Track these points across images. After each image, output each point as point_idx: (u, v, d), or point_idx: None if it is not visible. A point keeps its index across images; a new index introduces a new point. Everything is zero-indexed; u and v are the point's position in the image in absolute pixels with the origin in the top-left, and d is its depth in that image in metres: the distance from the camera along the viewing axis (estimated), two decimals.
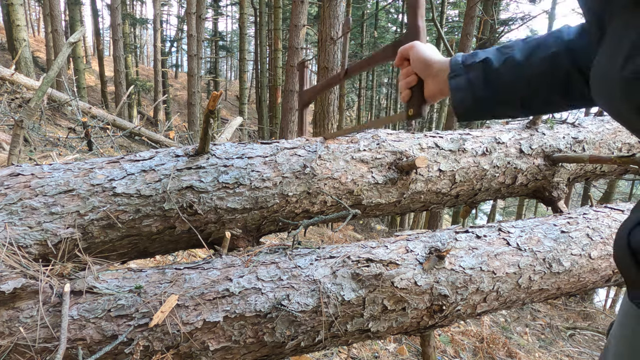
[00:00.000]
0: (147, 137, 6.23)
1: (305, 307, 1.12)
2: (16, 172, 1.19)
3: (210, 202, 1.28)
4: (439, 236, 1.36)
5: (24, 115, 2.13)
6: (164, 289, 1.07)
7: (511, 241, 1.37)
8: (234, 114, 18.37)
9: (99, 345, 0.98)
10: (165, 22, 31.71)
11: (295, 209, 1.41)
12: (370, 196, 1.50)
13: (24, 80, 5.58)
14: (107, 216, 1.18)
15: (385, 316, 1.20)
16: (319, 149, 1.46)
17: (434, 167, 1.57)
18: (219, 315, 1.06)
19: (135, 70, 19.54)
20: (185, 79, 19.58)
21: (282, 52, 11.52)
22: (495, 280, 1.29)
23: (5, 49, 14.00)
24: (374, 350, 2.47)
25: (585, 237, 1.47)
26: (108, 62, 17.27)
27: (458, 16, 17.34)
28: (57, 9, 9.54)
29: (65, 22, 14.50)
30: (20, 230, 1.09)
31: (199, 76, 11.20)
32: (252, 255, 1.23)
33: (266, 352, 1.13)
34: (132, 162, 1.29)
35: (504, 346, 3.14)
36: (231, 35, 29.34)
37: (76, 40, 2.26)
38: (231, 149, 1.39)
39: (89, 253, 1.18)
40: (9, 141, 3.14)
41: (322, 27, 5.61)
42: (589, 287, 1.51)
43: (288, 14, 12.75)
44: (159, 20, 15.33)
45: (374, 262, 1.21)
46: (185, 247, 1.40)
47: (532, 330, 4.10)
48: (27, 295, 0.98)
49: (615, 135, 1.92)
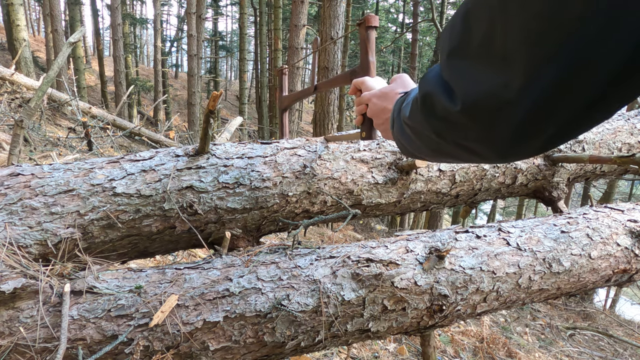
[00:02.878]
0: (147, 137, 6.23)
1: (305, 307, 1.12)
2: (16, 172, 1.19)
3: (210, 202, 1.28)
4: (439, 236, 1.36)
5: (24, 115, 2.13)
6: (164, 289, 1.07)
7: (511, 241, 1.37)
8: (234, 114, 18.37)
9: (99, 345, 0.98)
10: (165, 22, 31.73)
11: (295, 209, 1.41)
12: (370, 196, 1.50)
13: (24, 80, 5.58)
14: (107, 216, 1.18)
15: (385, 316, 1.20)
16: (319, 149, 1.46)
17: (434, 167, 1.57)
18: (219, 315, 1.06)
19: (135, 70, 19.54)
20: (185, 79, 19.58)
21: (282, 52, 11.52)
22: (495, 280, 1.30)
23: (5, 49, 14.00)
24: (374, 350, 2.47)
25: (585, 237, 1.47)
26: (108, 62, 17.28)
27: None
28: (57, 9, 9.54)
29: (65, 22, 14.50)
30: (20, 230, 1.09)
31: (199, 76, 11.21)
32: (252, 255, 1.23)
33: (266, 352, 1.13)
34: (132, 162, 1.29)
35: (504, 346, 3.14)
36: (231, 35, 29.35)
37: (76, 40, 2.26)
38: (231, 149, 1.39)
39: (89, 253, 1.18)
40: (9, 141, 3.14)
41: (322, 27, 5.62)
42: (589, 287, 1.51)
43: (288, 14, 12.75)
44: (159, 20, 15.32)
45: (374, 262, 1.21)
46: (185, 247, 1.40)
47: (532, 330, 4.10)
48: (27, 295, 0.98)
49: (615, 135, 1.92)
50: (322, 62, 5.57)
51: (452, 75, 0.40)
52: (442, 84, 0.42)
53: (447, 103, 0.41)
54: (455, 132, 0.43)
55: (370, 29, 1.07)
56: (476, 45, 0.36)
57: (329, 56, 5.52)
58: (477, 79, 0.37)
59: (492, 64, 0.35)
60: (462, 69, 0.38)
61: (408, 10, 18.24)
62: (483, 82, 0.36)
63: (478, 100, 0.37)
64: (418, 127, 0.52)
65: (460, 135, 0.43)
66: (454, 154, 0.49)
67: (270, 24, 13.88)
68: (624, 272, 1.51)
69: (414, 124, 0.53)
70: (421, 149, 0.56)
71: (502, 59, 0.34)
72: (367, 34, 1.06)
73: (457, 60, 0.39)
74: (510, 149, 0.39)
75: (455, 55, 0.40)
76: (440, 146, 0.49)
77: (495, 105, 0.36)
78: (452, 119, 0.41)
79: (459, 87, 0.39)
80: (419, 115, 0.49)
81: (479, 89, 0.37)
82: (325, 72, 5.52)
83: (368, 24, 1.06)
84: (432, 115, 0.46)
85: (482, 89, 0.36)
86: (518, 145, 0.39)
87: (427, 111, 0.46)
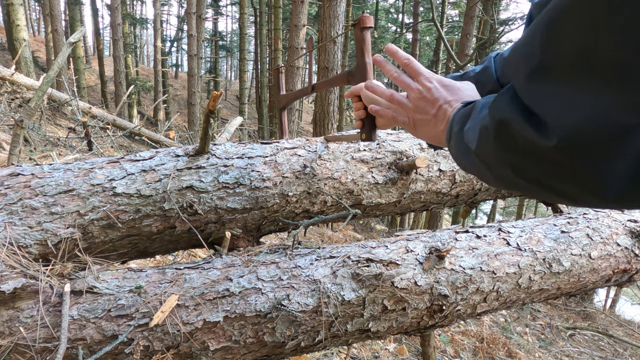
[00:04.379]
0: (147, 137, 6.23)
1: (306, 307, 1.12)
2: (16, 172, 1.19)
3: (210, 202, 1.28)
4: (439, 236, 1.36)
5: (24, 115, 2.13)
6: (164, 289, 1.07)
7: (511, 241, 1.37)
8: (234, 114, 18.37)
9: (99, 345, 0.98)
10: (165, 22, 31.73)
11: (296, 209, 1.41)
12: (370, 196, 1.50)
13: (24, 80, 5.58)
14: (107, 216, 1.18)
15: (385, 316, 1.20)
16: (319, 149, 1.46)
17: (434, 167, 1.57)
18: (219, 315, 1.06)
19: (135, 70, 19.53)
20: (185, 79, 19.58)
21: (282, 52, 11.52)
22: (495, 280, 1.30)
23: (5, 49, 14.00)
24: (374, 350, 2.47)
25: (585, 237, 1.47)
26: (108, 62, 17.27)
27: (458, 16, 17.35)
28: (57, 9, 9.54)
29: (65, 22, 14.50)
30: (21, 230, 1.09)
31: (199, 76, 11.21)
32: (252, 255, 1.23)
33: (266, 352, 1.13)
34: (132, 162, 1.29)
35: (504, 346, 3.14)
36: (231, 35, 29.34)
37: (76, 40, 2.26)
38: (231, 149, 1.39)
39: (89, 253, 1.18)
40: (9, 141, 3.14)
41: (322, 27, 5.61)
42: (589, 287, 1.51)
43: (288, 14, 12.75)
44: (159, 20, 15.33)
45: (374, 262, 1.21)
46: (185, 247, 1.40)
47: (532, 330, 4.10)
48: (27, 295, 0.98)
49: None
50: (322, 62, 5.57)
51: (539, 102, 0.33)
52: (522, 111, 0.35)
53: (535, 135, 0.33)
54: (542, 170, 0.35)
55: (365, 29, 1.05)
56: (571, 61, 0.29)
57: (329, 56, 5.52)
58: (579, 104, 0.29)
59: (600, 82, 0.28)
60: (554, 93, 0.31)
61: (408, 10, 18.24)
62: (588, 108, 0.28)
63: (583, 130, 0.29)
64: (489, 161, 0.43)
65: (548, 174, 0.35)
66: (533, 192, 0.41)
67: (270, 24, 13.88)
68: (624, 272, 1.51)
69: (484, 156, 0.44)
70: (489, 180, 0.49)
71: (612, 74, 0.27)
72: (362, 34, 1.05)
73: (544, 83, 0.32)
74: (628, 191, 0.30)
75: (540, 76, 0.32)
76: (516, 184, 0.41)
77: (608, 134, 0.28)
78: (542, 155, 0.34)
79: (552, 115, 0.32)
80: (491, 147, 0.41)
81: (583, 116, 0.29)
82: (325, 72, 5.52)
83: (363, 24, 1.04)
84: (511, 149, 0.38)
85: (589, 117, 0.29)
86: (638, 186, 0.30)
87: (504, 143, 0.39)
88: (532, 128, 0.33)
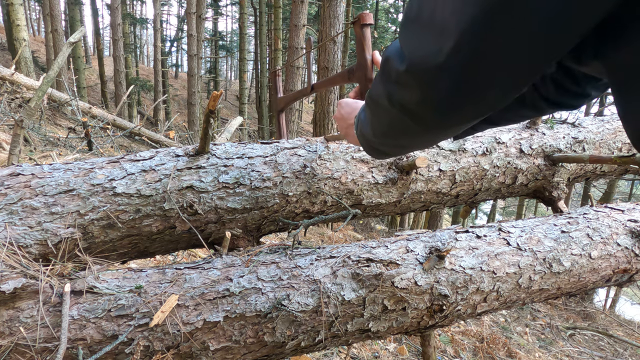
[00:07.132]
0: (147, 137, 6.23)
1: (306, 307, 1.12)
2: (16, 172, 1.19)
3: (210, 202, 1.28)
4: (439, 236, 1.36)
5: (24, 115, 2.13)
6: (164, 289, 1.07)
7: (511, 241, 1.37)
8: (234, 114, 18.36)
9: (99, 345, 0.98)
10: (165, 22, 31.73)
11: (296, 208, 1.41)
12: (370, 196, 1.50)
13: (24, 80, 5.57)
14: (108, 216, 1.18)
15: (385, 316, 1.20)
16: (319, 149, 1.46)
17: (434, 167, 1.57)
18: (219, 315, 1.06)
19: (135, 70, 19.54)
20: (185, 79, 19.57)
21: (282, 52, 11.52)
22: (496, 280, 1.29)
23: (5, 49, 14.00)
24: (374, 350, 2.47)
25: (586, 237, 1.47)
26: (108, 61, 17.26)
27: None
28: (57, 9, 9.55)
29: (65, 22, 14.50)
30: (21, 230, 1.09)
31: (199, 76, 11.21)
32: (252, 255, 1.23)
33: (266, 352, 1.13)
34: (132, 162, 1.29)
35: (504, 346, 3.14)
36: (231, 35, 29.32)
37: (76, 40, 2.26)
38: (231, 148, 1.39)
39: (89, 253, 1.18)
40: (9, 141, 3.14)
41: (322, 27, 5.62)
42: (589, 287, 1.51)
43: (288, 14, 12.74)
44: (159, 20, 15.32)
45: (374, 262, 1.21)
46: (185, 247, 1.40)
47: (532, 330, 4.10)
48: (27, 295, 0.98)
49: (615, 135, 1.92)
50: (322, 62, 5.57)
51: (404, 41, 0.46)
52: (397, 50, 0.47)
53: (398, 64, 0.46)
54: (402, 92, 0.48)
55: (365, 26, 1.06)
56: (426, 16, 0.42)
57: (329, 56, 5.52)
58: (421, 44, 0.42)
59: (433, 32, 0.40)
60: (412, 36, 0.44)
61: None
62: (425, 47, 0.42)
63: (419, 61, 0.43)
64: (377, 98, 0.56)
65: (405, 97, 0.48)
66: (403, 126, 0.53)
67: (270, 24, 13.89)
68: (624, 272, 1.51)
69: (375, 95, 0.57)
70: (376, 130, 0.63)
71: (440, 28, 0.39)
72: (363, 31, 1.06)
73: (410, 29, 0.45)
74: (449, 108, 0.45)
75: (408, 24, 0.45)
76: (391, 117, 0.54)
77: (432, 66, 0.41)
78: (400, 80, 0.47)
79: (407, 50, 0.45)
80: (379, 83, 0.54)
81: (421, 52, 0.42)
82: (325, 72, 5.52)
83: (363, 21, 1.06)
84: (388, 78, 0.50)
85: (423, 53, 0.42)
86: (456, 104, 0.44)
87: (385, 75, 0.51)
88: (398, 60, 0.46)
